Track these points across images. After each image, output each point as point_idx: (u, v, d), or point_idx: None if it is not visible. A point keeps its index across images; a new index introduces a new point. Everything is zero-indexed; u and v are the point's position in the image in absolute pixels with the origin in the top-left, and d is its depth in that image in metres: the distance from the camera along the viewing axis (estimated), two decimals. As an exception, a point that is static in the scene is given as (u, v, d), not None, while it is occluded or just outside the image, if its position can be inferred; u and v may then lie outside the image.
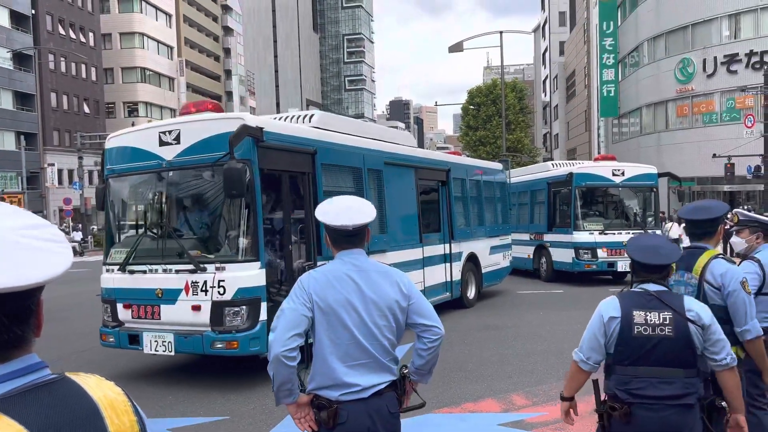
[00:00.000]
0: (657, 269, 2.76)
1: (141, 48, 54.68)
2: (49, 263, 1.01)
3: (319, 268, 2.57)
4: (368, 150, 8.98)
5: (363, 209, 2.54)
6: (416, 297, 2.57)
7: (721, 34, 33.65)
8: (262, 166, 6.63)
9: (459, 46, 33.58)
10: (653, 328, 2.64)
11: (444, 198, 11.15)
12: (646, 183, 15.17)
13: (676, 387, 2.63)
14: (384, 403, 2.47)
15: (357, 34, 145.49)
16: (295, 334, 2.38)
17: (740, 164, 27.61)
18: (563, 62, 64.46)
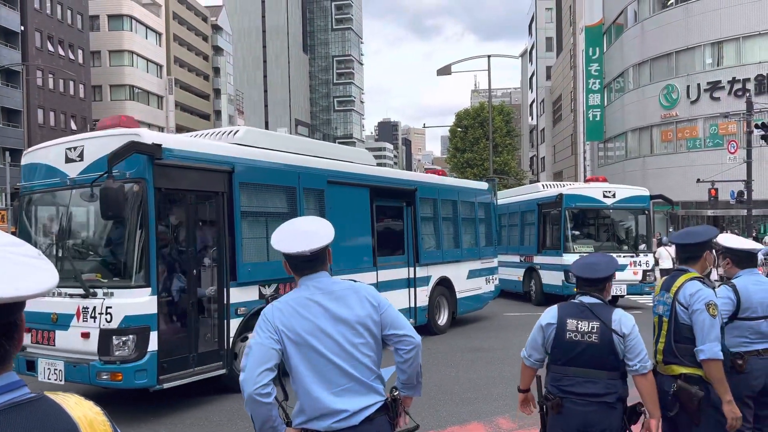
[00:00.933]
0: (592, 282, 3.17)
1: (130, 66, 54.70)
2: (42, 277, 1.03)
3: (282, 297, 2.45)
4: (305, 168, 8.36)
5: (319, 232, 2.43)
6: (385, 307, 2.48)
7: (704, 62, 34.34)
8: (159, 186, 6.25)
9: (447, 69, 33.98)
10: (582, 334, 3.06)
11: (409, 219, 10.59)
12: (638, 205, 14.89)
13: (599, 386, 3.03)
14: (375, 429, 2.37)
15: (347, 55, 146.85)
16: (266, 369, 2.27)
17: (724, 189, 27.98)
18: (550, 86, 65.36)
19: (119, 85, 54.51)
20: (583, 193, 14.86)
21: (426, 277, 10.81)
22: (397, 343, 2.48)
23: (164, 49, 60.60)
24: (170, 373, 6.28)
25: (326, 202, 8.58)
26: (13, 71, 40.80)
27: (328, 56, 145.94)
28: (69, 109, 47.53)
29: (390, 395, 2.49)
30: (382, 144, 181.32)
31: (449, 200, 11.87)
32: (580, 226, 15.14)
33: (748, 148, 25.44)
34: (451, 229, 11.92)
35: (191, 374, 6.55)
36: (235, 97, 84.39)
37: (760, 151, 28.97)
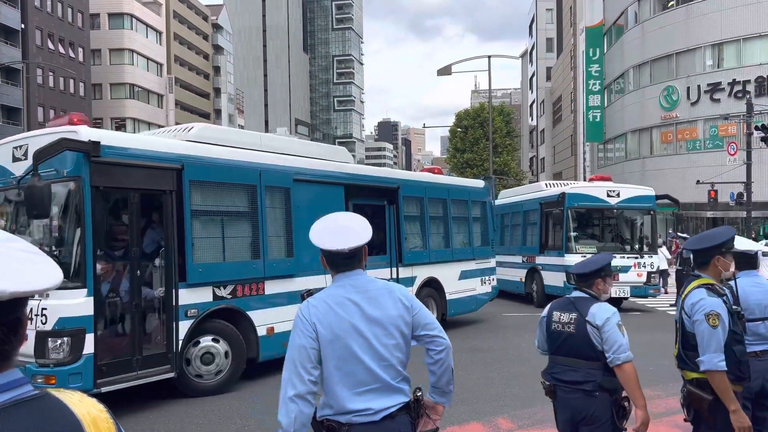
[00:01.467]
0: (581, 278, 3.40)
1: (130, 64, 54.66)
2: (50, 272, 1.05)
3: (318, 295, 2.46)
4: (268, 165, 8.06)
5: (358, 230, 2.43)
6: (418, 308, 2.49)
7: (705, 63, 34.35)
8: (97, 184, 6.11)
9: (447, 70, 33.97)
10: (563, 325, 3.33)
11: (391, 218, 10.26)
12: (643, 205, 14.56)
13: (579, 374, 3.24)
14: (397, 426, 2.37)
15: (347, 55, 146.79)
16: (311, 370, 2.30)
17: (723, 191, 28.00)
18: (550, 87, 65.35)
19: (119, 84, 54.47)
20: (586, 192, 14.50)
21: (410, 277, 10.48)
22: (428, 344, 2.49)
23: (164, 47, 60.55)
24: (110, 377, 6.15)
25: (293, 200, 8.32)
26: (13, 69, 40.77)
27: (329, 56, 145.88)
28: (69, 107, 47.46)
29: (413, 395, 2.48)
30: (382, 144, 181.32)
31: (438, 199, 11.50)
32: (582, 226, 14.82)
33: (748, 149, 25.45)
34: (441, 229, 11.56)
35: (135, 377, 6.40)
36: (235, 96, 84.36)
37: (760, 153, 28.99)
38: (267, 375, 8.10)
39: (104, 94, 54.25)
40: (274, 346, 7.78)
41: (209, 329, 7.20)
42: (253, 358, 7.67)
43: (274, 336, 7.85)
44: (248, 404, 6.84)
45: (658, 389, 6.91)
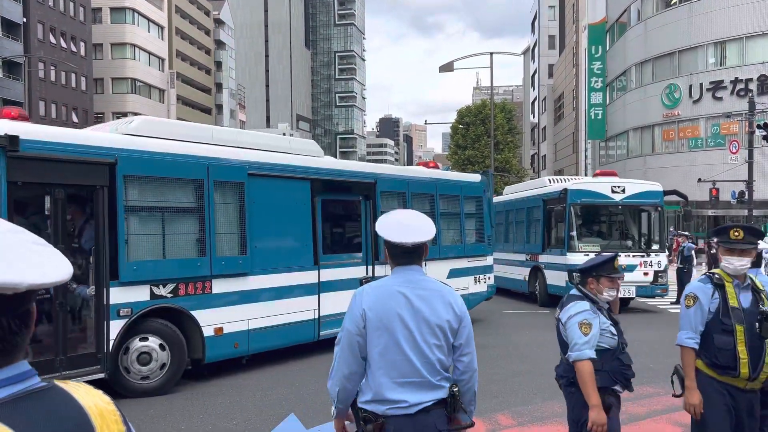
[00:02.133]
0: (579, 275, 3.51)
1: (132, 59, 54.63)
2: (62, 264, 1.04)
3: (374, 282, 2.60)
4: (217, 159, 7.68)
5: (423, 227, 2.53)
6: (467, 323, 2.56)
7: (707, 61, 34.27)
8: (15, 179, 5.91)
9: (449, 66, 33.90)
10: (557, 321, 3.55)
11: (367, 214, 9.83)
12: (650, 201, 13.98)
13: (560, 369, 3.54)
14: (432, 420, 2.44)
15: (349, 51, 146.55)
16: (357, 354, 2.48)
17: (725, 189, 27.95)
18: (552, 85, 65.24)
19: (121, 78, 54.45)
20: (589, 188, 13.97)
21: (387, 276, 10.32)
22: (456, 360, 2.56)
23: (166, 42, 60.49)
24: None
25: (247, 195, 7.96)
26: (15, 63, 40.76)
27: (330, 52, 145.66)
28: (71, 101, 47.48)
29: (450, 390, 2.53)
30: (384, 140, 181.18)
31: (424, 194, 11.05)
32: (586, 223, 14.27)
33: (750, 148, 25.40)
34: None
35: (58, 378, 6.26)
36: (237, 92, 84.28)
37: (762, 151, 28.95)
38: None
39: (106, 88, 54.24)
40: (224, 347, 7.61)
41: (147, 329, 6.94)
42: (199, 359, 7.41)
43: (224, 336, 7.59)
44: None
45: (658, 387, 6.93)
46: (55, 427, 0.98)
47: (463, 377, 2.57)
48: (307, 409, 6.37)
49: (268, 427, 5.82)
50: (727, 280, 3.57)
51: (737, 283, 3.53)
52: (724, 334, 3.42)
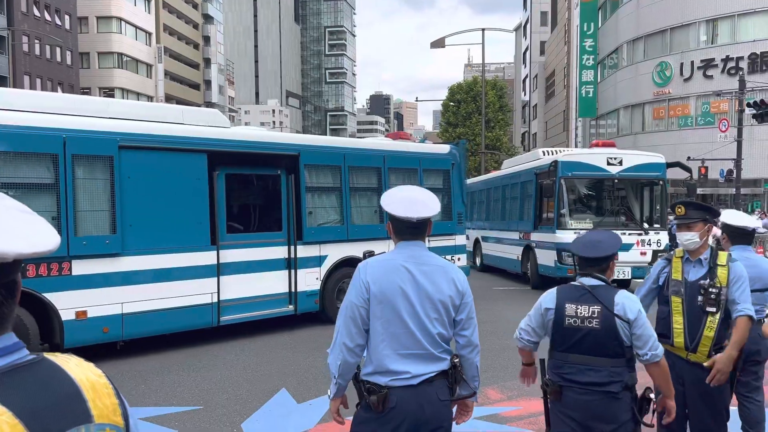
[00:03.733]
0: (594, 262, 2.99)
1: (118, 33, 53.68)
2: (49, 234, 1.03)
3: (377, 256, 2.62)
4: (75, 131, 7.05)
5: (428, 203, 2.56)
6: (469, 299, 2.62)
7: (699, 39, 34.22)
8: None
9: (441, 42, 33.63)
10: (582, 320, 2.88)
11: (289, 190, 9.05)
12: (651, 174, 12.86)
13: (602, 375, 2.85)
14: (434, 390, 2.51)
15: (339, 26, 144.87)
16: (359, 326, 2.50)
17: (713, 168, 28.13)
18: (543, 62, 64.94)
19: (107, 53, 53.55)
20: (582, 160, 12.86)
21: (315, 257, 9.30)
22: (458, 332, 2.63)
23: (153, 16, 59.45)
24: None
25: (119, 170, 7.33)
26: (-2, 36, 39.95)
27: (320, 27, 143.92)
28: (56, 76, 46.73)
29: (451, 362, 2.59)
30: (374, 118, 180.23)
31: (367, 168, 10.11)
32: (578, 198, 13.19)
33: (739, 126, 25.51)
34: (372, 201, 10.09)
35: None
36: (226, 67, 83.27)
37: (751, 130, 29.09)
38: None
39: (92, 63, 53.35)
40: (88, 331, 7.15)
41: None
42: (58, 343, 6.96)
43: (89, 320, 7.14)
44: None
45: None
46: (45, 400, 0.97)
47: (464, 351, 2.64)
48: (299, 385, 6.41)
49: (259, 402, 5.85)
50: (678, 255, 3.72)
51: (687, 258, 3.65)
52: (664, 304, 3.68)
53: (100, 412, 1.03)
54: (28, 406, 0.94)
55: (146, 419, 5.38)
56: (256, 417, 5.45)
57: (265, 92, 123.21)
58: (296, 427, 5.17)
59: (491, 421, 5.32)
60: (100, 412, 1.02)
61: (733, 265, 3.55)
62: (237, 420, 5.37)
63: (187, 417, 5.48)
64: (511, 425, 5.22)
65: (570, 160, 12.86)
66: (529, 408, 5.66)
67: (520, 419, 5.37)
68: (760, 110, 21.99)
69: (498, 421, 5.33)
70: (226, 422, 5.33)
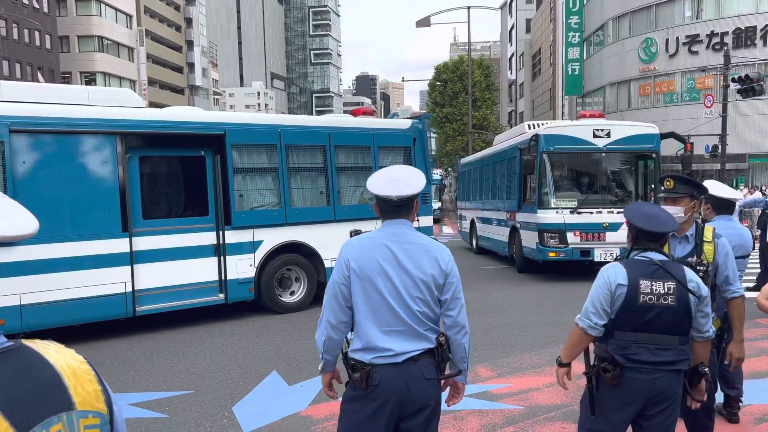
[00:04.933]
0: (659, 237, 2.85)
1: (98, 15, 52.72)
2: (29, 219, 1.02)
3: (362, 235, 2.64)
4: None
5: (410, 181, 2.54)
6: (454, 278, 2.58)
7: (684, 15, 34.20)
8: None
9: (426, 21, 33.35)
10: (658, 297, 2.73)
11: (216, 172, 8.51)
12: (642, 147, 11.90)
13: (672, 354, 2.76)
14: (419, 368, 2.49)
15: (323, 6, 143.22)
16: (343, 305, 2.54)
17: (698, 143, 28.26)
18: (529, 40, 64.70)
19: (87, 36, 52.61)
20: (565, 132, 11.86)
21: (248, 242, 8.77)
22: (444, 312, 2.61)
23: (133, -2, 58.42)
24: None
25: (10, 155, 6.95)
26: (-26, 20, 39.07)
27: (304, 7, 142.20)
28: (36, 60, 45.91)
29: (437, 341, 2.58)
30: (361, 99, 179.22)
31: (309, 146, 9.47)
32: (561, 174, 12.18)
33: (724, 102, 25.63)
34: (316, 182, 9.53)
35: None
36: (209, 50, 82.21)
37: (736, 105, 29.25)
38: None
39: (72, 47, 52.43)
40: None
41: None
42: None
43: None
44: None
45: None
46: (24, 387, 0.94)
47: (450, 332, 2.61)
48: (289, 367, 6.41)
49: (250, 386, 5.85)
50: None
51: (673, 234, 3.64)
52: None
53: (82, 399, 1.00)
54: (6, 393, 0.91)
55: (136, 404, 5.37)
56: (247, 400, 5.45)
57: (250, 74, 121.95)
58: (288, 410, 5.18)
59: (482, 398, 5.36)
60: (82, 399, 1.00)
61: (719, 242, 3.56)
62: (228, 404, 5.37)
63: (177, 401, 5.47)
64: (502, 402, 5.26)
65: (552, 133, 11.84)
66: (519, 385, 5.71)
67: (511, 396, 5.40)
68: (745, 85, 22.08)
69: (488, 398, 5.36)
70: (217, 406, 5.32)
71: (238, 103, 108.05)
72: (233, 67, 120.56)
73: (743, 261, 4.25)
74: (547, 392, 5.48)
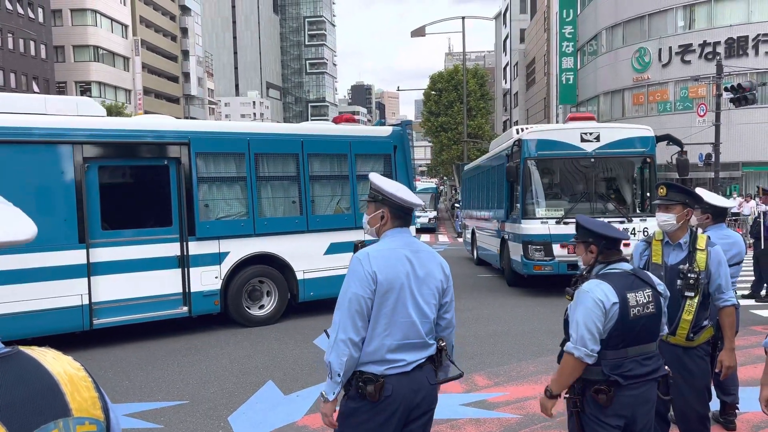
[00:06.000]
0: (619, 243, 2.88)
1: (93, 25, 52.75)
2: (28, 224, 1.01)
3: (375, 246, 2.58)
4: None
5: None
6: (451, 281, 2.73)
7: (676, 25, 34.47)
8: None
9: (421, 31, 33.54)
10: (643, 307, 2.70)
11: (180, 182, 8.26)
12: (635, 151, 11.03)
13: (654, 361, 2.77)
14: (424, 375, 2.57)
15: (318, 16, 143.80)
16: (366, 320, 2.47)
17: (692, 152, 28.40)
18: (524, 50, 65.07)
19: (83, 46, 52.64)
20: (550, 137, 11.04)
21: (213, 254, 8.46)
22: (442, 314, 2.68)
23: (129, 8, 58.52)
24: None
25: None
26: (-31, 30, 39.05)
27: (300, 17, 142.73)
28: (30, 70, 45.88)
29: (438, 346, 2.66)
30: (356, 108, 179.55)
31: (281, 155, 9.15)
32: (547, 182, 11.34)
33: (717, 111, 25.77)
34: (289, 192, 9.19)
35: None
36: (204, 59, 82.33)
37: (728, 114, 29.42)
38: None
39: (67, 56, 52.43)
40: None
41: None
42: None
43: None
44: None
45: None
46: (21, 394, 0.93)
47: (444, 333, 2.72)
48: (285, 377, 6.39)
49: (245, 396, 5.82)
50: (657, 238, 3.72)
51: (666, 241, 3.64)
52: None
53: (79, 405, 1.00)
54: (3, 400, 0.91)
55: (131, 415, 5.33)
56: (242, 410, 5.42)
57: (245, 84, 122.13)
58: (283, 420, 5.15)
59: (478, 407, 5.34)
60: (79, 406, 1.00)
61: (713, 250, 3.55)
62: (224, 414, 5.34)
63: (172, 412, 5.43)
64: (499, 411, 5.25)
65: (536, 137, 10.99)
66: (516, 393, 5.70)
67: (507, 405, 5.39)
68: (737, 94, 22.23)
69: (485, 407, 5.35)
70: (212, 416, 5.29)
71: (233, 113, 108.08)
72: (229, 77, 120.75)
73: (737, 267, 4.26)
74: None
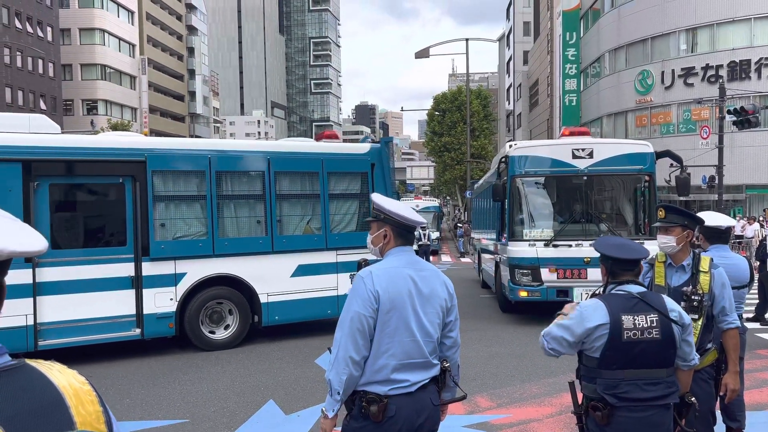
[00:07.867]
0: (633, 264, 2.78)
1: (101, 45, 53.38)
2: (38, 237, 1.04)
3: (378, 265, 2.58)
4: None
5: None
6: (455, 301, 2.70)
7: (679, 48, 34.73)
8: None
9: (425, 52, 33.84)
10: (642, 331, 2.64)
11: (136, 200, 8.00)
12: (631, 168, 10.20)
13: (660, 388, 2.70)
14: (428, 396, 2.56)
15: (323, 37, 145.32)
16: (364, 338, 2.46)
17: (695, 174, 28.43)
18: (527, 71, 65.53)
19: (90, 65, 53.21)
20: (539, 153, 10.29)
21: (169, 275, 8.16)
22: (446, 333, 2.68)
23: (137, 27, 59.24)
24: None
25: None
26: (-21, 48, 39.54)
27: (305, 38, 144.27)
28: (38, 88, 46.34)
29: (441, 367, 2.66)
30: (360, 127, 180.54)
31: (246, 172, 8.84)
32: (535, 201, 10.54)
33: (720, 133, 25.84)
34: (252, 211, 8.85)
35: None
36: (210, 78, 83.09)
37: (732, 137, 29.51)
38: None
39: (75, 75, 52.97)
40: None
41: None
42: None
43: None
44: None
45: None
46: (26, 406, 0.95)
47: (449, 353, 2.70)
48: (287, 396, 6.35)
49: (246, 415, 5.78)
50: (660, 260, 3.70)
51: (669, 263, 3.64)
52: None
53: (83, 419, 1.00)
54: (9, 411, 0.92)
55: (131, 433, 5.29)
56: (243, 429, 5.38)
57: (250, 103, 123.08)
58: (285, 439, 5.10)
59: (482, 429, 5.29)
60: (83, 419, 1.00)
61: (716, 272, 3.54)
62: (224, 433, 5.30)
63: (173, 430, 5.39)
64: (502, 433, 5.19)
65: (523, 154, 10.27)
66: (520, 415, 5.64)
67: (511, 427, 5.34)
68: (740, 117, 22.30)
69: (488, 429, 5.30)
70: (213, 435, 5.25)
71: (238, 131, 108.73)
72: (234, 96, 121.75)
73: (740, 292, 4.14)
74: (548, 423, 5.41)
